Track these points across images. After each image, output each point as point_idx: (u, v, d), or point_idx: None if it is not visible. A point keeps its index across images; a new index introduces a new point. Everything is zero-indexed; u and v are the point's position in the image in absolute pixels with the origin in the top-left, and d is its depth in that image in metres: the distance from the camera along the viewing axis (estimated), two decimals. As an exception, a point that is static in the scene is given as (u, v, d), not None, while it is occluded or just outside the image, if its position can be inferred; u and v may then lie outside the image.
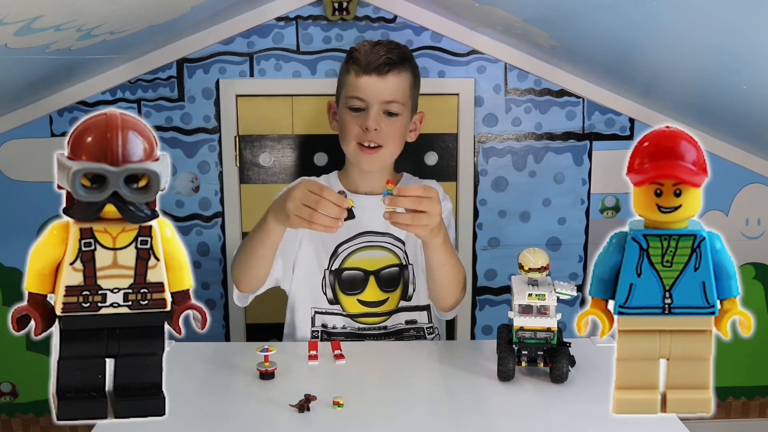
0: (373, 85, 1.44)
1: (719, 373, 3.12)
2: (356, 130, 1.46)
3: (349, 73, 1.47)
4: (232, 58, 2.34)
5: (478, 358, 1.33)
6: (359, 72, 1.45)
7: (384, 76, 1.44)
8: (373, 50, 1.46)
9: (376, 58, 1.44)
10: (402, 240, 1.54)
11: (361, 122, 1.45)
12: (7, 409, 2.53)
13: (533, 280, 1.22)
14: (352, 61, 1.48)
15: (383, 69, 1.44)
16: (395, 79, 1.46)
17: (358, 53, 1.47)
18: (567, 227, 2.50)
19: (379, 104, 1.45)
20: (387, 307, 1.54)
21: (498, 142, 2.44)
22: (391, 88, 1.45)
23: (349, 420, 1.10)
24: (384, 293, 1.53)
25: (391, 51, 1.46)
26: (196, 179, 2.41)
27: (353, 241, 1.52)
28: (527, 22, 1.96)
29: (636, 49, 1.83)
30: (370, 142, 1.46)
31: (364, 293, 1.53)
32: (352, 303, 1.53)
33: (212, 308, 2.49)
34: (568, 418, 1.12)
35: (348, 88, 1.48)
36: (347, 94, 1.48)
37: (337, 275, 1.52)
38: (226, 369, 1.31)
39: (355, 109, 1.46)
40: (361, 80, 1.45)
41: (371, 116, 1.44)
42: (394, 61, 1.45)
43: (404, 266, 1.54)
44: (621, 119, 2.45)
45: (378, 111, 1.45)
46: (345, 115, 1.48)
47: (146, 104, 2.36)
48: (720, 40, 1.46)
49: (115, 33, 1.81)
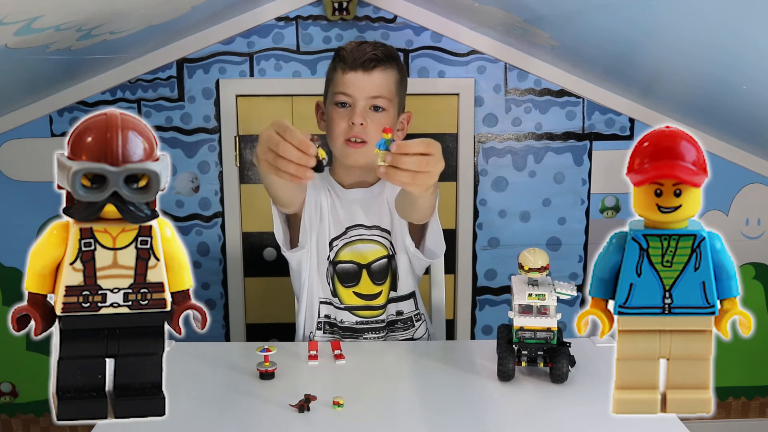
0: (360, 80, 1.46)
1: (719, 373, 3.11)
2: (343, 125, 1.48)
3: (336, 71, 1.50)
4: (232, 58, 2.34)
5: (478, 358, 1.33)
6: (345, 69, 1.47)
7: (370, 72, 1.46)
8: (359, 48, 1.48)
9: (361, 55, 1.46)
10: (388, 230, 1.55)
11: (347, 118, 1.47)
12: (7, 409, 2.53)
13: (533, 280, 1.22)
14: (339, 59, 1.50)
15: (369, 65, 1.46)
16: (381, 75, 1.48)
17: (344, 51, 1.49)
18: (567, 227, 2.50)
19: (365, 99, 1.47)
20: (381, 300, 1.55)
21: (498, 142, 2.44)
22: (376, 83, 1.47)
23: (349, 420, 1.10)
24: (377, 286, 1.55)
25: (377, 48, 1.49)
26: (196, 179, 2.41)
27: (345, 235, 1.53)
28: (527, 22, 1.96)
29: (636, 49, 1.83)
30: (356, 137, 1.47)
31: (359, 286, 1.54)
32: (349, 295, 1.54)
33: (212, 308, 2.49)
34: (568, 418, 1.12)
35: (335, 85, 1.50)
36: (334, 90, 1.50)
37: (334, 267, 1.54)
38: (226, 369, 1.31)
39: (341, 104, 1.48)
40: (348, 76, 1.47)
41: (357, 111, 1.46)
42: (380, 57, 1.47)
43: (391, 256, 1.55)
44: (621, 119, 2.45)
45: (364, 106, 1.47)
46: (332, 112, 1.50)
47: (146, 104, 2.36)
48: (720, 40, 1.46)
49: (115, 33, 1.81)
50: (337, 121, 1.48)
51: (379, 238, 1.55)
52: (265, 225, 2.45)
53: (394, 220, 1.53)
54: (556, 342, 1.20)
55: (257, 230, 2.46)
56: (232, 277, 2.46)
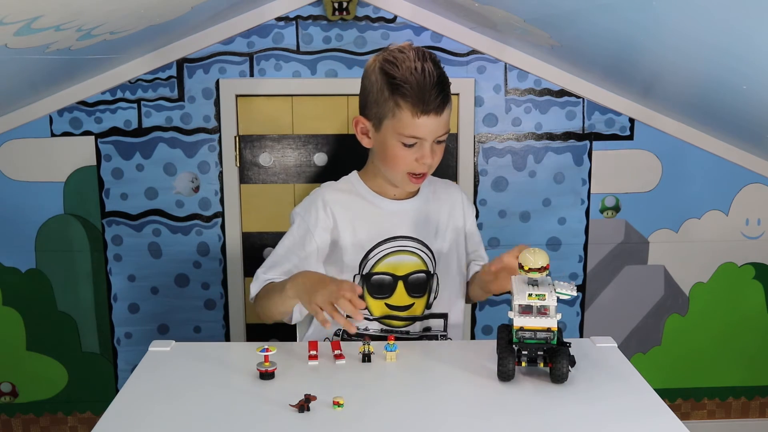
0: (431, 124, 1.42)
1: (719, 373, 3.12)
2: (410, 163, 1.46)
3: (401, 109, 1.41)
4: (232, 58, 2.34)
5: (478, 358, 1.33)
6: (416, 112, 1.40)
7: (440, 114, 1.43)
8: (425, 85, 1.40)
9: (432, 98, 1.40)
10: (428, 246, 1.55)
11: (415, 156, 1.45)
12: (7, 409, 2.53)
13: (533, 280, 1.22)
14: (402, 96, 1.40)
15: (441, 109, 1.42)
16: (447, 112, 1.45)
17: (408, 88, 1.40)
18: (567, 227, 2.50)
19: (434, 138, 1.45)
20: (412, 312, 1.55)
21: (498, 142, 2.44)
22: (445, 122, 1.45)
23: (349, 420, 1.10)
24: (411, 298, 1.54)
25: (443, 86, 1.42)
26: (196, 179, 2.41)
27: (383, 246, 1.52)
28: (527, 22, 1.96)
29: (636, 49, 1.83)
30: (423, 173, 1.49)
31: (393, 297, 1.53)
32: (379, 306, 1.53)
33: (212, 308, 2.49)
34: (568, 418, 1.12)
35: (401, 125, 1.42)
36: (401, 131, 1.43)
37: (366, 279, 1.52)
38: (226, 369, 1.31)
39: (410, 144, 1.45)
40: (419, 121, 1.41)
41: (427, 153, 1.44)
42: (447, 95, 1.44)
43: (431, 274, 1.55)
44: (621, 119, 2.45)
45: (431, 144, 1.45)
46: (396, 149, 1.45)
47: (146, 104, 2.36)
48: (720, 40, 1.46)
49: (115, 33, 1.81)
50: (405, 158, 1.46)
51: (418, 251, 1.54)
52: (265, 225, 2.45)
53: (439, 241, 1.55)
54: (556, 342, 1.20)
55: (257, 230, 2.46)
56: (232, 277, 2.47)
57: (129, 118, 2.37)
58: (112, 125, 2.37)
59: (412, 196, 1.57)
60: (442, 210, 1.59)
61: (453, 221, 1.60)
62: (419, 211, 1.56)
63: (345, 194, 1.55)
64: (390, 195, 1.55)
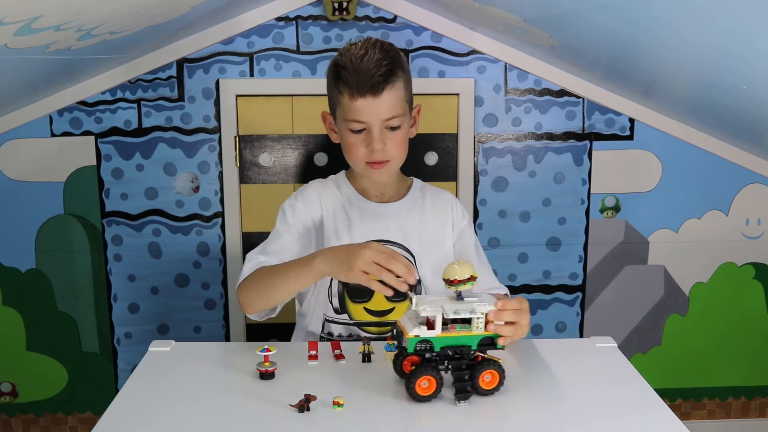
0: (370, 106, 1.39)
1: (719, 373, 3.12)
2: (362, 150, 1.43)
3: (342, 95, 1.40)
4: (232, 58, 2.34)
5: (478, 358, 1.32)
6: (353, 94, 1.38)
7: (379, 95, 1.38)
8: (360, 66, 1.37)
9: (367, 78, 1.37)
10: (411, 253, 1.52)
11: (365, 142, 1.43)
12: (7, 409, 2.53)
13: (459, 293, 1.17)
14: (342, 82, 1.40)
15: (378, 88, 1.38)
16: (390, 94, 1.40)
17: (345, 72, 1.38)
18: (567, 227, 2.50)
19: (379, 123, 1.41)
20: (393, 316, 1.52)
21: (498, 142, 2.44)
22: (388, 104, 1.40)
23: (349, 420, 1.10)
24: (390, 303, 1.52)
25: (380, 65, 1.38)
26: (196, 179, 2.42)
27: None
28: (527, 22, 1.96)
29: (636, 49, 1.82)
30: (378, 161, 1.44)
31: (371, 302, 1.52)
32: (359, 311, 1.52)
33: (212, 308, 2.49)
34: (568, 418, 1.12)
35: (344, 110, 1.42)
36: (345, 117, 1.42)
37: (344, 282, 1.49)
38: (226, 369, 1.31)
39: (356, 130, 1.43)
40: (357, 103, 1.39)
41: (375, 137, 1.41)
42: (385, 74, 1.39)
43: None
44: (621, 119, 2.45)
45: (380, 129, 1.41)
46: (348, 137, 1.44)
47: (146, 104, 2.36)
48: (720, 41, 1.46)
49: (115, 33, 1.81)
50: (356, 146, 1.44)
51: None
52: (265, 225, 2.45)
53: (422, 245, 1.52)
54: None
55: (257, 230, 2.46)
56: (232, 277, 2.47)
57: (129, 118, 2.37)
58: (112, 125, 2.37)
59: (397, 199, 1.55)
60: (428, 214, 1.57)
61: (440, 226, 1.58)
62: (403, 215, 1.54)
63: (330, 192, 1.55)
64: (373, 197, 1.55)
